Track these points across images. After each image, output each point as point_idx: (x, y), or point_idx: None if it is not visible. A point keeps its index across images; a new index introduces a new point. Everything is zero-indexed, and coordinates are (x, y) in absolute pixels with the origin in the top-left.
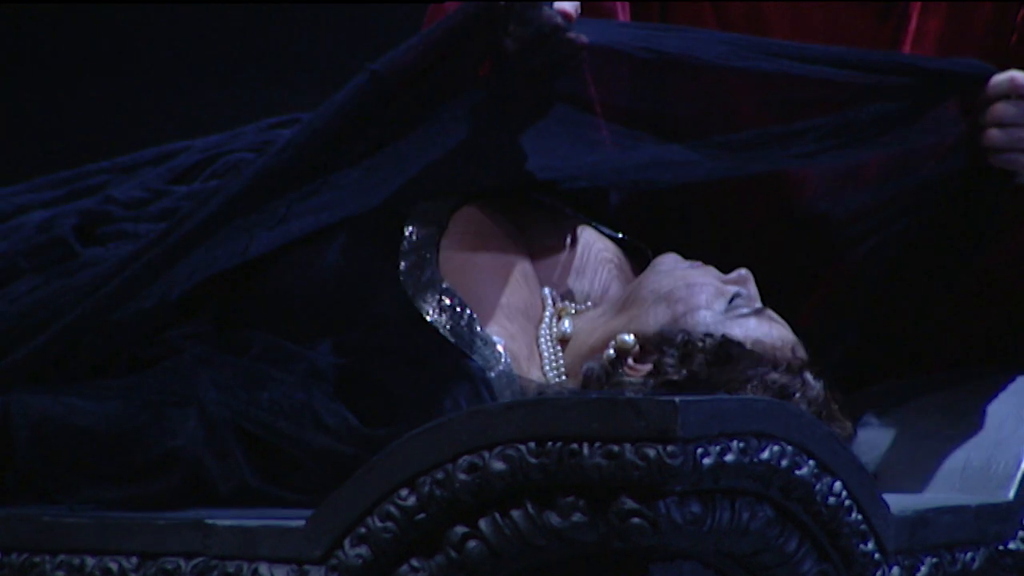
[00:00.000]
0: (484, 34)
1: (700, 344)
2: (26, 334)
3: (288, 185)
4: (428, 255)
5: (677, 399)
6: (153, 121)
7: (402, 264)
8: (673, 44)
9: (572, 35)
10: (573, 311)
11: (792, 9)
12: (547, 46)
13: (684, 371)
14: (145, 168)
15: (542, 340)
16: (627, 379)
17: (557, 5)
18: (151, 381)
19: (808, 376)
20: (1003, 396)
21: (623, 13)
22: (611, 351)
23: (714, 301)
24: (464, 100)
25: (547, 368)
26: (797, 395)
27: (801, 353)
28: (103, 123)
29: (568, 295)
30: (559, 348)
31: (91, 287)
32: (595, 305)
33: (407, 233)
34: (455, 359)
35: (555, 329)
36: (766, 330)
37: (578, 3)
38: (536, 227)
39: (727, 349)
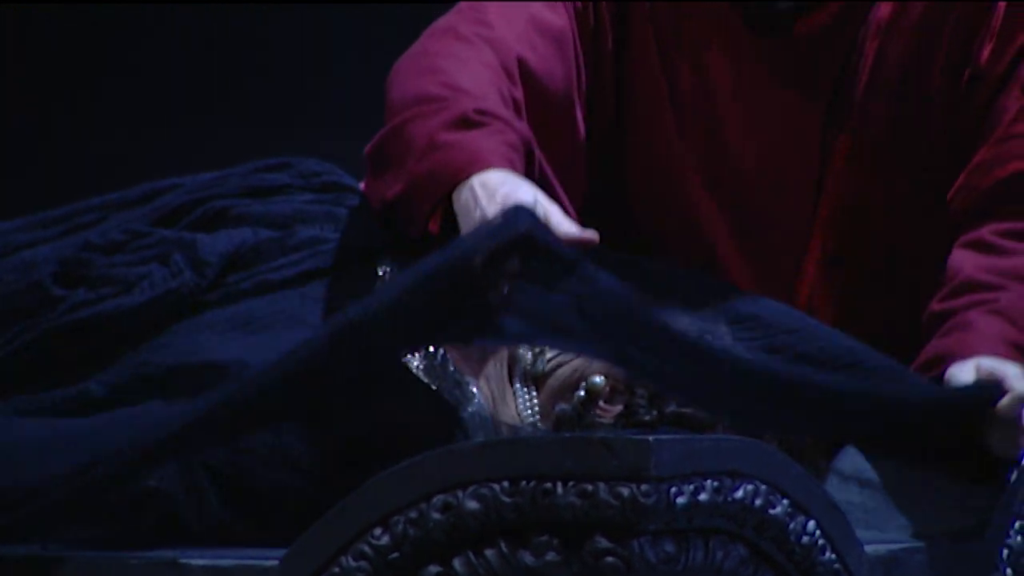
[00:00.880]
0: (481, 285)
1: None
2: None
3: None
4: None
5: (651, 438)
6: (144, 159)
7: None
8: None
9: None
10: (547, 351)
11: (741, 94)
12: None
13: (655, 411)
14: (134, 207)
15: (516, 380)
16: (599, 420)
17: (568, 230)
18: (122, 419)
19: None
20: None
21: (580, 105)
22: (582, 392)
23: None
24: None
25: (521, 408)
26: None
27: None
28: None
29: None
30: (533, 389)
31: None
32: None
33: (380, 273)
34: (428, 399)
35: (529, 369)
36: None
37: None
38: None
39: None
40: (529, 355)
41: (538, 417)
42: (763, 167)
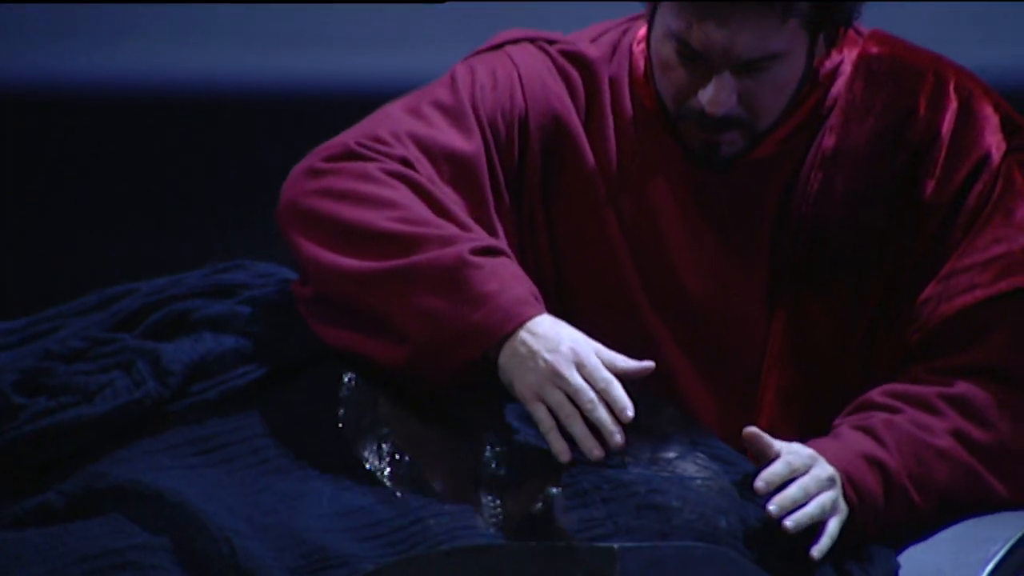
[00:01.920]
0: None
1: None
2: None
3: None
4: (368, 401)
5: (616, 546)
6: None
7: (340, 411)
8: None
9: None
10: (512, 461)
11: (686, 226)
12: None
13: (613, 521)
14: (91, 313)
15: (482, 487)
16: (561, 527)
17: (628, 366)
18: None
19: None
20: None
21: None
22: (540, 504)
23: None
24: None
25: (487, 515)
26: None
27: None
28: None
29: (508, 442)
30: (498, 496)
31: None
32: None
33: (345, 380)
34: (395, 507)
35: (494, 476)
36: (693, 471)
37: None
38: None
39: (651, 499)
40: (494, 462)
41: (503, 523)
42: (712, 299)
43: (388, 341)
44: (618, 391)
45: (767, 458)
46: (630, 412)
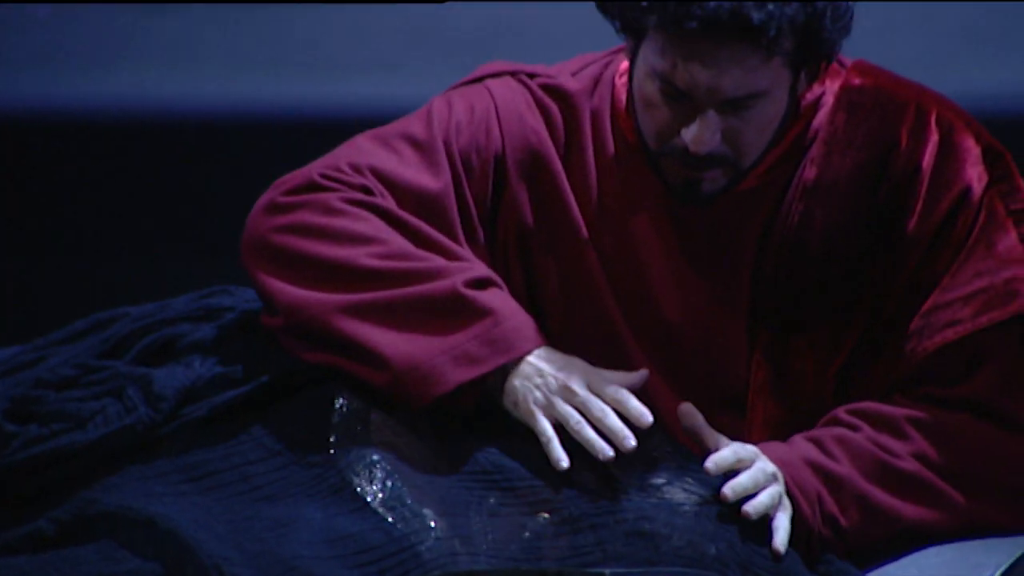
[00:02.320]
0: None
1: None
2: None
3: None
4: (359, 427)
5: (608, 571)
6: (83, 291)
7: (332, 437)
8: None
9: None
10: (502, 487)
11: (668, 258)
12: None
13: (602, 548)
14: (80, 340)
15: (472, 514)
16: (551, 553)
17: (624, 380)
18: (72, 559)
19: None
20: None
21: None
22: (529, 531)
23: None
24: None
25: (478, 542)
26: None
27: None
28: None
29: (499, 468)
30: (488, 522)
31: None
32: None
33: (337, 405)
34: (386, 533)
35: (486, 505)
36: (682, 498)
37: None
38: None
39: (640, 526)
40: (484, 489)
41: (494, 550)
42: (695, 332)
43: (370, 366)
44: (634, 402)
45: (704, 442)
46: (648, 418)
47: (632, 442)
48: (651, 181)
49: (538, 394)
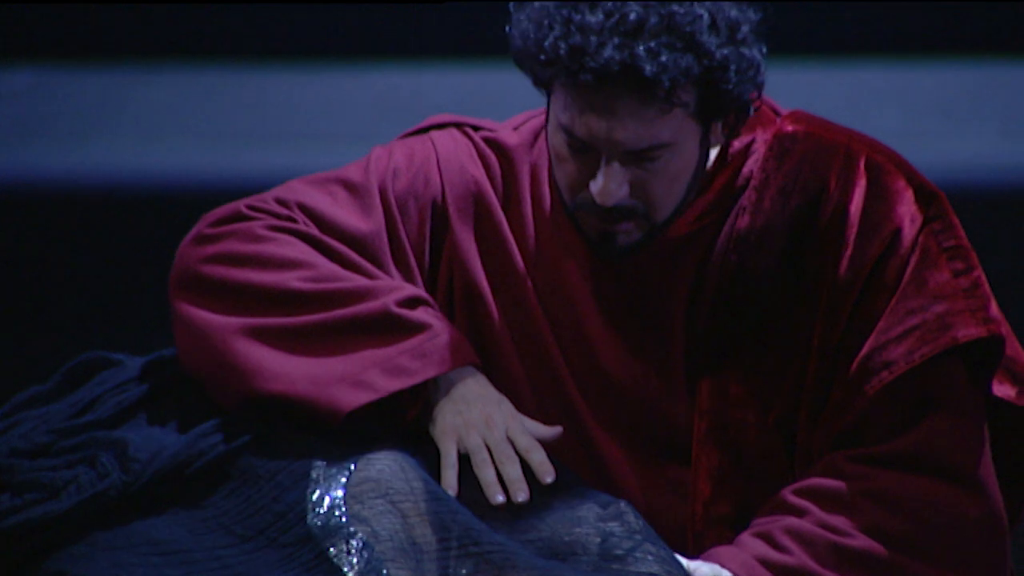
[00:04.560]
0: None
1: None
2: None
3: None
4: (335, 496)
5: None
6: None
7: (309, 516)
8: None
9: None
10: (473, 554)
11: (602, 308)
12: None
13: None
14: (51, 401)
15: None
16: None
17: (543, 432)
18: None
19: None
20: None
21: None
22: None
23: (590, 543)
24: None
25: None
26: None
27: None
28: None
29: (471, 533)
30: None
31: None
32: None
33: (313, 475)
34: None
35: (459, 572)
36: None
37: None
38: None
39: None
40: (458, 559)
41: None
42: (634, 382)
43: (305, 381)
44: (541, 456)
45: None
46: (550, 478)
47: (524, 496)
48: (577, 238)
49: (457, 420)
